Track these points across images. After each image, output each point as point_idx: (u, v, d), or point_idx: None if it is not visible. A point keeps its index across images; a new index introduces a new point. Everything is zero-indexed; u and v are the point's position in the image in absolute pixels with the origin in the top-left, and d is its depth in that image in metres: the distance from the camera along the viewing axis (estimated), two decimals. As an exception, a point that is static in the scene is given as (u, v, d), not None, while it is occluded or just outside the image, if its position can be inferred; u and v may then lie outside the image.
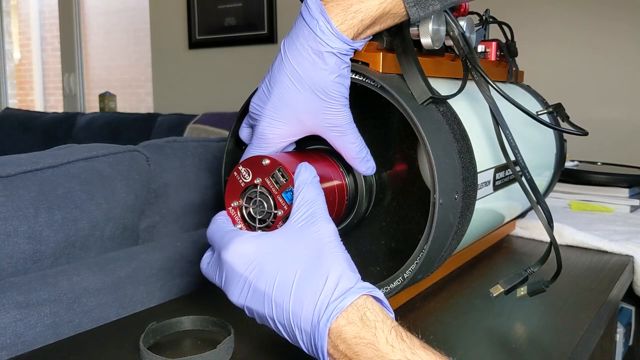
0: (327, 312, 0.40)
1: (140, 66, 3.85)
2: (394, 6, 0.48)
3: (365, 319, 0.40)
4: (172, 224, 0.81)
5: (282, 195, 0.48)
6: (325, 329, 0.40)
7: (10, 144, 2.75)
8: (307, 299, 0.41)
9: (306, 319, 0.41)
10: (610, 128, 1.88)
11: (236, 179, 0.50)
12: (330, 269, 0.42)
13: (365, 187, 0.57)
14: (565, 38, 1.98)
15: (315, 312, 0.41)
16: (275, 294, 0.43)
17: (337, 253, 0.44)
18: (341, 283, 0.42)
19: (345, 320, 0.40)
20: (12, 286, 0.57)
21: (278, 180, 0.48)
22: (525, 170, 0.56)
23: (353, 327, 0.40)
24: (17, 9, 4.65)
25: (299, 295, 0.42)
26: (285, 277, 0.42)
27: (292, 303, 0.42)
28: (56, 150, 0.71)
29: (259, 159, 0.49)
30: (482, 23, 0.83)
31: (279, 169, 0.48)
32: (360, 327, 0.40)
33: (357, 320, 0.40)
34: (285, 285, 0.42)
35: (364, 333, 0.40)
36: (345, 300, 0.41)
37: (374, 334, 0.39)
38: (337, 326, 0.40)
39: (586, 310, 0.65)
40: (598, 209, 1.16)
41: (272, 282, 0.43)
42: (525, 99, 0.86)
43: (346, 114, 0.50)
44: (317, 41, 0.47)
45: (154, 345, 0.55)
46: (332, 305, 0.40)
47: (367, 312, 0.41)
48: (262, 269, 0.43)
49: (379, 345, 0.39)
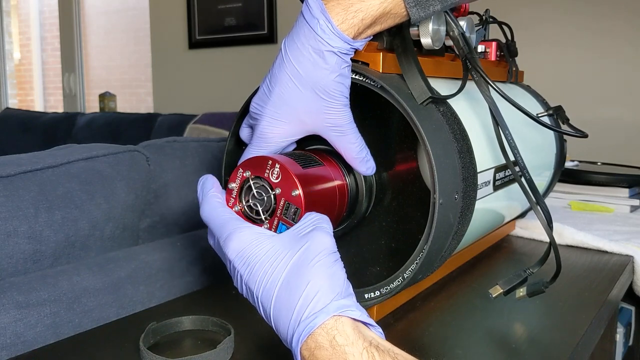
0: (298, 331, 0.40)
1: (140, 66, 3.85)
2: (395, 6, 0.48)
3: (334, 343, 0.39)
4: (172, 224, 0.81)
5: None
6: (297, 349, 0.40)
7: (10, 144, 2.75)
8: (284, 311, 0.41)
9: (283, 330, 0.42)
10: (610, 128, 1.88)
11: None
12: (309, 283, 0.41)
13: (366, 187, 0.57)
14: (565, 38, 1.98)
15: (290, 328, 0.41)
16: (262, 298, 0.43)
17: (322, 266, 0.42)
18: (315, 300, 0.41)
19: (314, 344, 0.39)
20: (12, 286, 0.57)
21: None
22: (524, 170, 0.56)
23: (323, 351, 0.39)
24: (17, 9, 4.65)
25: (277, 305, 0.42)
26: (270, 283, 0.42)
27: (273, 311, 0.42)
28: (56, 150, 0.71)
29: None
30: (482, 23, 0.83)
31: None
32: (331, 352, 0.39)
33: (327, 344, 0.39)
34: (269, 291, 0.42)
35: (334, 358, 0.39)
36: (315, 320, 0.40)
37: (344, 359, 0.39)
38: (308, 349, 0.40)
39: (586, 310, 0.65)
40: (598, 209, 1.16)
41: (259, 286, 0.43)
42: (525, 99, 0.86)
43: (347, 114, 0.50)
44: (317, 40, 0.47)
45: (154, 345, 0.55)
46: (302, 325, 0.40)
47: (336, 335, 0.39)
48: (253, 270, 0.44)
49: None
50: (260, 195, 0.48)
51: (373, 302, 0.56)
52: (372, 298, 0.56)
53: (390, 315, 0.62)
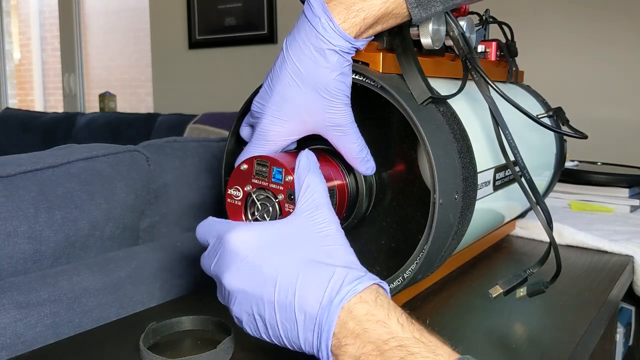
0: (341, 293, 0.41)
1: (140, 66, 3.85)
2: (397, 6, 0.48)
3: (378, 300, 0.41)
4: (172, 224, 0.81)
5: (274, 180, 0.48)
6: (338, 308, 0.40)
7: (10, 144, 2.74)
8: (317, 283, 0.42)
9: (314, 300, 0.41)
10: (610, 128, 1.88)
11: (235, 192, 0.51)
12: (341, 260, 0.43)
13: (366, 187, 0.57)
14: (565, 38, 1.98)
15: (327, 294, 0.41)
16: (281, 278, 0.42)
17: (345, 245, 0.45)
18: (351, 272, 0.42)
19: (358, 300, 0.41)
20: (12, 286, 0.57)
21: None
22: (524, 170, 0.56)
23: (365, 305, 0.41)
24: (17, 9, 4.64)
25: (306, 280, 0.42)
26: (292, 263, 0.43)
27: (299, 287, 0.42)
28: (56, 150, 0.71)
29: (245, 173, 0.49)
30: (482, 23, 0.83)
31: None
32: (373, 306, 0.41)
33: (371, 300, 0.41)
34: (291, 270, 0.42)
35: (376, 311, 0.40)
36: (361, 284, 0.41)
37: (387, 314, 0.40)
38: (348, 305, 0.41)
39: (586, 310, 0.65)
40: (598, 209, 1.16)
41: (277, 267, 0.43)
42: (525, 99, 0.86)
43: (348, 113, 0.50)
44: (319, 39, 0.47)
45: (154, 345, 0.55)
46: (346, 288, 0.41)
47: (379, 296, 0.42)
48: (269, 255, 0.43)
49: (390, 323, 0.40)
50: (265, 207, 0.49)
51: (373, 302, 0.56)
52: (372, 298, 0.56)
53: (390, 315, 0.62)
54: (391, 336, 0.39)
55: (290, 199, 0.48)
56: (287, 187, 0.48)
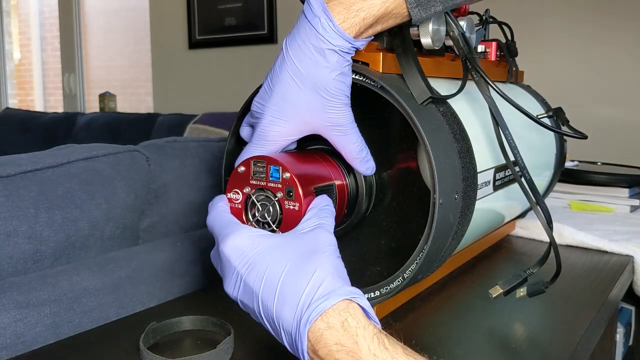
0: (307, 313, 0.39)
1: (140, 66, 3.85)
2: (396, 6, 0.48)
3: (346, 325, 0.39)
4: (172, 224, 0.81)
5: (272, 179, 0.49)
6: (304, 331, 0.39)
7: (10, 144, 2.74)
8: (290, 297, 0.41)
9: (288, 318, 0.41)
10: (610, 128, 1.88)
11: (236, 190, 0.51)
12: (317, 268, 0.42)
13: (366, 187, 0.57)
14: (565, 38, 1.98)
15: (297, 312, 0.40)
16: (262, 291, 0.42)
17: (329, 256, 0.43)
18: (325, 283, 0.41)
19: (325, 324, 0.39)
20: (12, 286, 0.57)
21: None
22: (524, 170, 0.56)
23: (334, 332, 0.39)
24: (17, 9, 4.64)
25: (283, 292, 0.41)
26: (272, 275, 0.42)
27: (277, 301, 0.41)
28: (56, 150, 0.71)
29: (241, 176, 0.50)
30: (482, 23, 0.83)
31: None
32: (342, 334, 0.39)
33: (338, 325, 0.39)
34: (271, 282, 0.42)
35: (345, 340, 0.38)
36: (327, 302, 0.39)
37: (355, 342, 0.38)
38: (316, 329, 0.39)
39: (586, 310, 0.65)
40: (598, 209, 1.16)
41: (260, 279, 0.43)
42: (525, 99, 0.86)
43: (347, 113, 0.50)
44: (318, 38, 0.47)
45: (154, 345, 0.55)
46: (312, 306, 0.40)
47: (348, 317, 0.39)
48: (253, 265, 0.43)
49: (361, 354, 0.38)
50: (265, 206, 0.49)
51: (373, 302, 0.56)
52: (372, 298, 0.56)
53: (390, 315, 0.62)
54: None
55: (290, 196, 0.48)
56: (285, 184, 0.48)
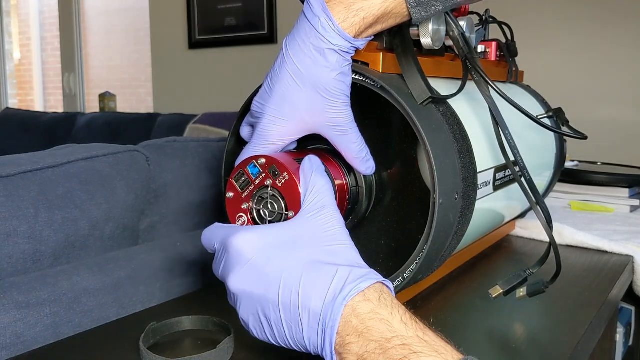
0: (344, 291, 0.41)
1: (140, 66, 3.85)
2: (397, 6, 0.48)
3: (382, 298, 0.41)
4: (172, 224, 0.81)
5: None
6: (342, 306, 0.41)
7: (10, 144, 2.74)
8: (320, 282, 0.42)
9: (318, 299, 0.41)
10: (610, 128, 1.88)
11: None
12: (344, 259, 0.44)
13: (366, 187, 0.57)
14: (565, 38, 1.98)
15: (330, 292, 0.41)
16: (285, 278, 0.43)
17: (349, 243, 0.45)
18: (355, 270, 0.42)
19: (361, 298, 0.41)
20: (12, 286, 0.57)
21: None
22: (524, 170, 0.56)
23: (369, 304, 0.41)
24: (17, 9, 4.64)
25: (310, 279, 0.42)
26: (296, 263, 0.43)
27: (303, 286, 0.42)
28: (56, 150, 0.71)
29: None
30: (482, 23, 0.83)
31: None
32: (377, 305, 0.41)
33: (374, 299, 0.41)
34: (295, 270, 0.43)
35: (380, 310, 0.40)
36: (364, 283, 0.42)
37: (390, 312, 0.40)
38: (352, 303, 0.41)
39: (586, 310, 0.65)
40: (598, 209, 1.16)
41: (281, 268, 0.43)
42: (525, 99, 0.86)
43: (347, 113, 0.50)
44: (318, 38, 0.47)
45: (154, 345, 0.55)
46: (349, 286, 0.41)
47: (383, 294, 0.42)
48: (272, 256, 0.44)
49: (393, 322, 0.40)
50: (273, 208, 0.49)
51: (373, 302, 0.56)
52: (372, 298, 0.56)
53: (390, 315, 0.62)
54: (394, 335, 0.39)
55: (276, 174, 0.48)
56: (266, 168, 0.49)
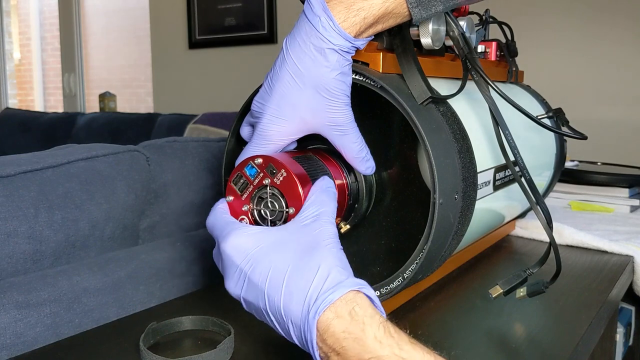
0: (315, 305, 0.40)
1: (140, 66, 3.85)
2: (397, 6, 0.48)
3: (353, 313, 0.40)
4: (172, 224, 0.81)
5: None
6: (314, 322, 0.40)
7: (10, 144, 2.74)
8: (297, 292, 0.41)
9: (296, 311, 0.41)
10: (610, 128, 1.88)
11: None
12: (322, 262, 0.42)
13: (366, 187, 0.57)
14: (565, 38, 1.98)
15: (305, 305, 0.41)
16: (268, 287, 0.43)
17: (332, 249, 0.44)
18: (331, 276, 0.42)
19: (333, 314, 0.40)
20: (12, 286, 0.57)
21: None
22: (524, 170, 0.56)
23: (341, 321, 0.40)
24: (17, 9, 4.64)
25: (289, 288, 0.42)
26: (278, 270, 0.43)
27: (284, 295, 0.42)
28: (56, 150, 0.71)
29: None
30: (482, 23, 0.83)
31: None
32: (349, 322, 0.40)
33: (346, 314, 0.40)
34: (277, 278, 0.42)
35: (352, 328, 0.39)
36: (335, 293, 0.40)
37: (362, 329, 0.39)
38: (325, 319, 0.40)
39: (586, 310, 0.65)
40: (598, 209, 1.16)
41: (265, 275, 0.43)
42: (525, 99, 0.86)
43: (348, 113, 0.50)
44: (319, 38, 0.47)
45: (154, 345, 0.55)
46: (320, 298, 0.40)
47: (355, 307, 0.40)
48: (257, 262, 0.44)
49: (367, 341, 0.39)
50: (274, 206, 0.49)
51: (373, 302, 0.56)
52: (372, 298, 0.56)
53: (390, 315, 0.62)
54: (370, 355, 0.38)
55: (273, 172, 0.49)
56: (263, 168, 0.49)
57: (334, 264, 0.43)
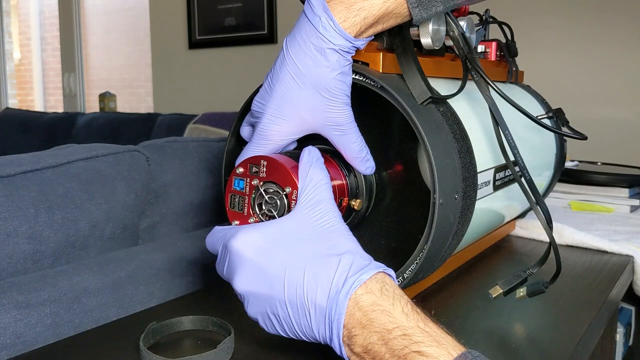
0: (347, 285, 0.41)
1: (140, 66, 3.85)
2: (397, 6, 0.48)
3: (384, 290, 0.42)
4: (172, 224, 0.81)
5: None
6: (345, 300, 0.41)
7: (10, 144, 2.74)
8: (323, 276, 0.42)
9: (321, 295, 0.42)
10: (610, 128, 1.88)
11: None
12: (344, 249, 0.44)
13: (366, 187, 0.57)
14: (565, 38, 1.98)
15: (334, 286, 0.42)
16: (288, 277, 0.43)
17: (348, 235, 0.45)
18: (357, 261, 0.43)
19: (364, 290, 0.41)
20: (12, 286, 0.57)
21: None
22: (524, 170, 0.56)
23: (371, 296, 0.41)
24: (17, 9, 4.64)
25: (312, 275, 0.42)
26: (297, 259, 0.43)
27: (306, 283, 0.42)
28: (56, 150, 0.71)
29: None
30: (482, 23, 0.83)
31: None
32: (379, 296, 0.41)
33: (377, 290, 0.42)
34: (297, 266, 0.43)
35: (381, 301, 0.41)
36: (365, 274, 0.42)
37: (392, 303, 0.41)
38: (355, 297, 0.41)
39: (586, 310, 0.65)
40: (598, 209, 1.16)
41: (283, 266, 0.43)
42: (525, 99, 0.86)
43: (348, 113, 0.50)
44: (319, 38, 0.47)
45: (154, 345, 0.55)
46: (351, 279, 0.42)
47: (385, 285, 0.42)
48: (273, 254, 0.44)
49: (394, 313, 0.40)
50: (273, 200, 0.49)
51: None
52: (372, 298, 0.56)
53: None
54: (395, 325, 0.40)
55: (256, 171, 0.49)
56: (246, 173, 0.50)
57: (354, 249, 0.44)
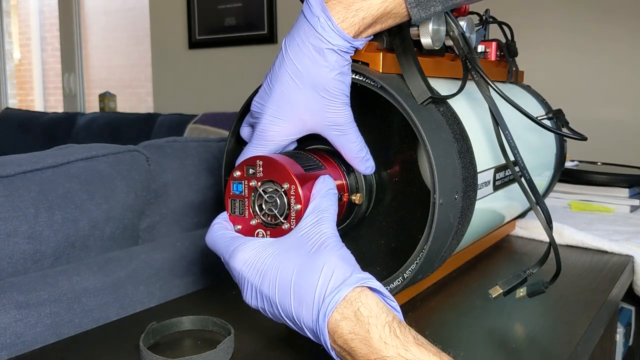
0: (323, 308, 0.41)
1: (140, 66, 3.85)
2: (396, 6, 0.48)
3: (359, 314, 0.40)
4: (172, 224, 0.81)
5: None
6: (324, 325, 0.41)
7: (10, 144, 2.74)
8: (306, 296, 0.42)
9: (307, 316, 0.42)
10: (610, 128, 1.88)
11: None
12: (325, 264, 0.42)
13: (366, 187, 0.57)
14: (565, 38, 1.98)
15: (314, 309, 0.41)
16: (278, 297, 0.43)
17: (333, 249, 0.44)
18: (334, 275, 0.42)
19: (340, 316, 0.41)
20: (12, 286, 0.57)
21: None
22: (524, 170, 0.56)
23: (348, 322, 0.40)
24: (17, 9, 4.64)
25: (297, 294, 0.42)
26: (284, 279, 0.43)
27: (293, 302, 0.42)
28: (56, 150, 0.71)
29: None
30: (482, 23, 0.83)
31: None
32: (355, 323, 0.40)
33: (351, 315, 0.40)
34: (284, 286, 0.43)
35: (357, 329, 0.40)
36: (339, 293, 0.41)
37: (367, 330, 0.40)
38: (333, 321, 0.41)
39: (586, 310, 0.65)
40: (598, 209, 1.16)
41: (273, 285, 0.44)
42: (525, 99, 0.86)
43: (347, 113, 0.50)
44: (317, 38, 0.47)
45: (154, 345, 0.55)
46: (327, 300, 0.41)
47: (360, 307, 0.40)
48: (265, 273, 0.44)
49: (372, 342, 0.39)
50: (272, 198, 0.49)
51: (373, 302, 0.56)
52: (372, 298, 0.56)
53: (390, 315, 0.62)
54: (376, 356, 0.39)
55: (252, 172, 0.49)
56: (243, 176, 0.49)
57: (335, 263, 0.43)
